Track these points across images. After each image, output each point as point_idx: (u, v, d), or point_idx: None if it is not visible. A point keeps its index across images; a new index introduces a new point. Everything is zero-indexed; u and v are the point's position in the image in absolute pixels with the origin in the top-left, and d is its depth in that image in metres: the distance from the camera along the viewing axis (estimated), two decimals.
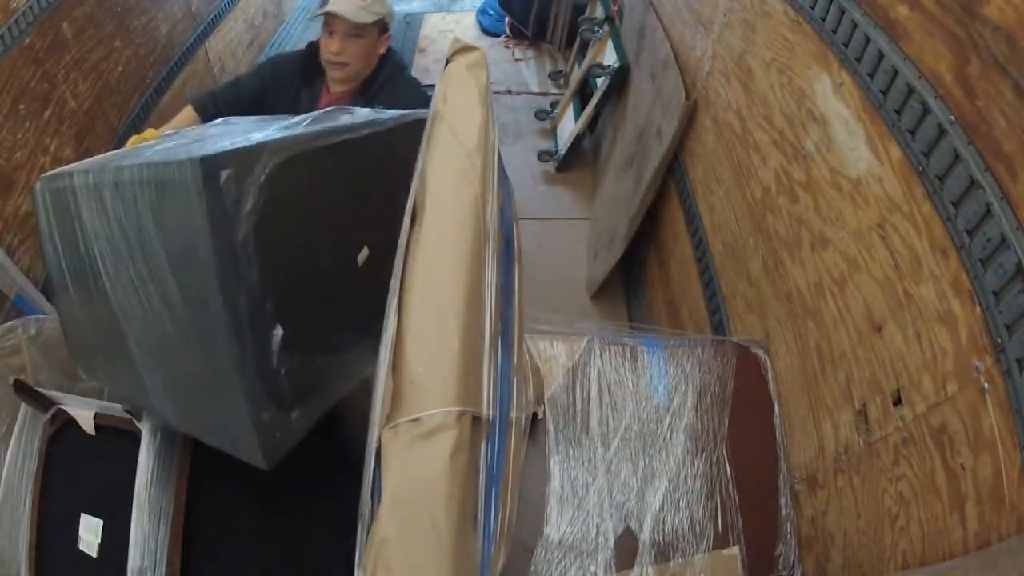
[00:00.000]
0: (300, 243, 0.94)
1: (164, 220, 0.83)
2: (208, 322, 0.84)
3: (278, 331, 0.87)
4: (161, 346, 0.93)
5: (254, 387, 0.86)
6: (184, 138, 1.09)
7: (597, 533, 1.26)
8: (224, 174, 0.79)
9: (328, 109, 1.11)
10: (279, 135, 0.91)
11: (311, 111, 1.09)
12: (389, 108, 1.16)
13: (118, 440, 1.14)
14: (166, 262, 0.85)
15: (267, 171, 0.84)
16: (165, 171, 0.81)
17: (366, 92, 1.84)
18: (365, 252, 1.04)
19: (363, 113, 1.12)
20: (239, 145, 0.85)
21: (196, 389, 0.94)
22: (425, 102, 1.00)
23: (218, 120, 1.26)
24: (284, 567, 1.14)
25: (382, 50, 1.84)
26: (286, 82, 1.87)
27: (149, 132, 1.58)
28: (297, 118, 1.04)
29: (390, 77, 1.86)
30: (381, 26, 1.80)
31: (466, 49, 1.05)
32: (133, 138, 1.54)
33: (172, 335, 0.90)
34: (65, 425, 1.25)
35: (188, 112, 1.82)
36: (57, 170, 0.99)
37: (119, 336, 0.98)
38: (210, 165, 0.78)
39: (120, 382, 1.10)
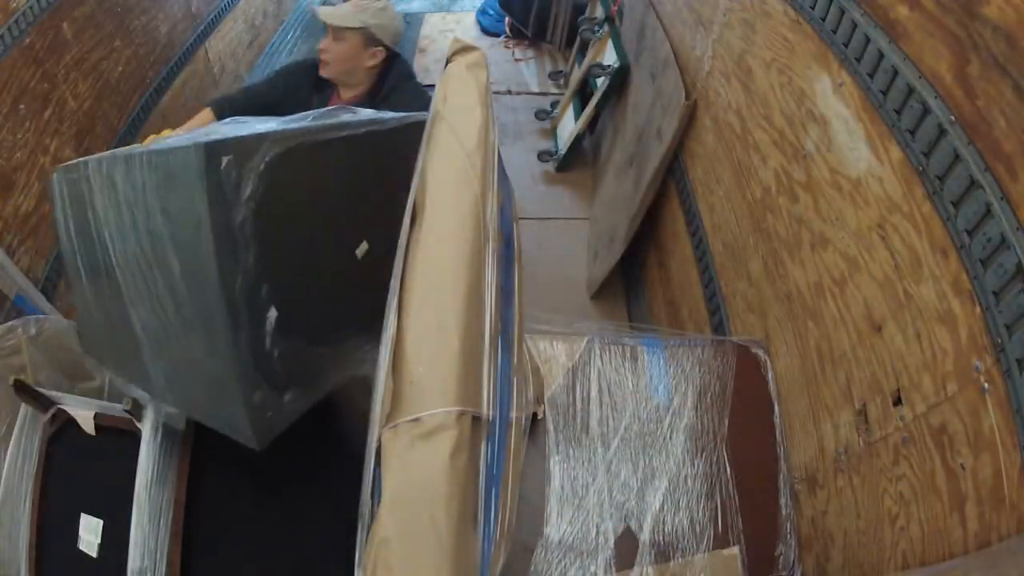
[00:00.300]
0: (298, 231, 0.98)
1: (169, 203, 0.88)
2: (206, 302, 0.88)
3: (273, 313, 0.92)
4: (164, 329, 0.96)
5: (247, 366, 0.90)
6: (204, 133, 1.13)
7: (597, 533, 1.26)
8: (225, 160, 0.84)
9: (331, 108, 1.13)
10: (282, 127, 0.96)
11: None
12: None
13: (118, 440, 1.15)
14: (170, 244, 0.89)
15: (267, 159, 0.89)
16: (171, 157, 0.86)
17: (372, 99, 1.88)
18: (364, 247, 1.07)
19: (366, 113, 1.15)
20: (242, 134, 0.90)
21: (195, 371, 0.97)
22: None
23: (229, 119, 1.29)
24: (285, 566, 1.14)
25: (371, 62, 1.86)
26: (299, 88, 1.92)
27: (166, 132, 1.68)
28: (301, 114, 1.07)
29: (395, 86, 1.89)
30: (368, 37, 1.82)
31: (466, 49, 1.05)
32: (151, 137, 1.64)
33: (174, 318, 0.94)
34: (65, 425, 1.25)
35: (206, 114, 1.87)
36: (73, 161, 1.04)
37: (126, 322, 1.02)
38: (212, 151, 0.83)
39: (127, 370, 1.14)
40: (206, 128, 1.23)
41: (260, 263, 0.89)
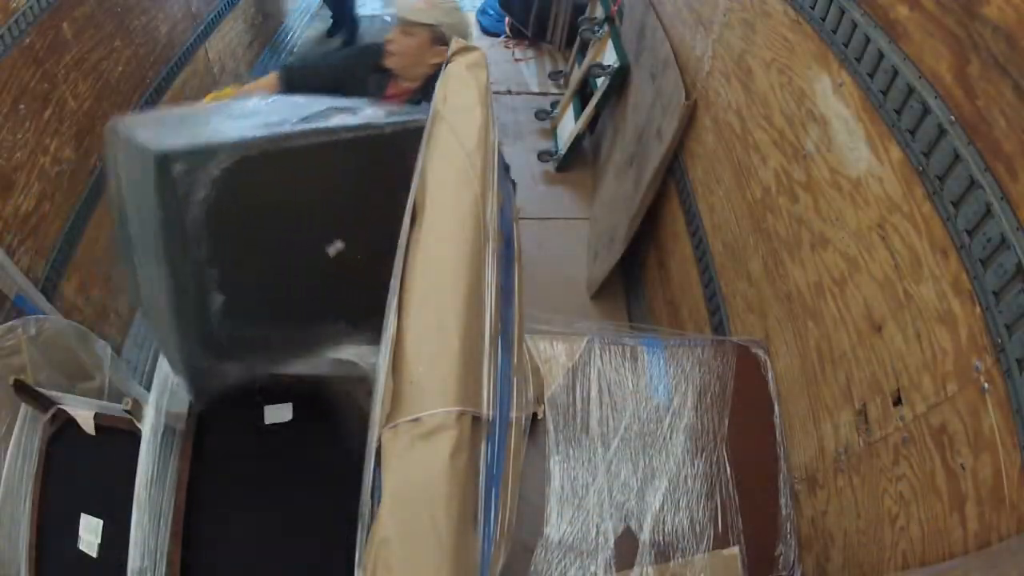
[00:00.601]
0: (257, 229, 1.07)
1: (146, 192, 0.98)
2: (162, 281, 1.01)
3: (219, 298, 1.03)
4: (149, 286, 1.11)
5: (188, 340, 1.04)
6: (215, 115, 1.20)
7: (597, 533, 1.26)
8: (176, 168, 0.95)
9: (328, 108, 1.17)
10: (253, 133, 1.04)
11: (378, 97, 1.35)
12: None
13: (118, 440, 1.15)
14: (149, 223, 1.01)
15: (223, 166, 0.99)
16: (145, 156, 0.96)
17: (426, 90, 1.92)
18: (339, 245, 1.13)
19: (364, 115, 1.18)
20: (206, 140, 1.00)
21: (165, 328, 1.09)
22: None
23: (270, 99, 1.37)
24: (285, 566, 1.14)
25: (435, 59, 1.88)
26: (362, 70, 1.96)
27: (227, 90, 1.81)
28: (297, 114, 1.13)
29: None
30: (437, 35, 1.87)
31: (466, 49, 1.06)
32: (212, 94, 1.76)
33: (152, 280, 1.07)
34: (65, 425, 1.25)
35: (271, 78, 1.95)
36: (119, 118, 1.15)
37: (134, 269, 1.17)
38: (164, 159, 0.95)
39: (141, 307, 1.27)
40: (236, 108, 1.30)
41: (211, 255, 1.00)
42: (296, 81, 1.91)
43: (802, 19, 1.40)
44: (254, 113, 1.16)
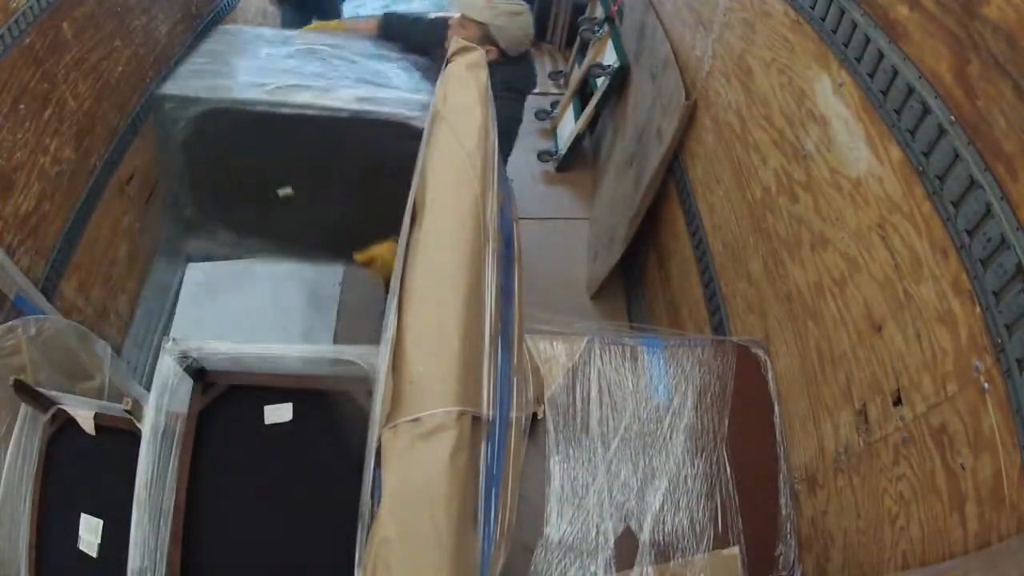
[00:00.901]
0: (223, 157, 1.77)
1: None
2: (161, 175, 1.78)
3: (189, 194, 1.76)
4: None
5: (170, 215, 1.88)
6: (255, 57, 1.97)
7: (597, 533, 1.26)
8: (168, 105, 1.67)
9: (296, 84, 1.70)
10: (235, 90, 1.74)
11: (435, 72, 1.65)
12: None
13: (118, 440, 1.15)
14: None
15: (199, 112, 1.63)
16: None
17: None
18: (288, 190, 1.77)
19: (338, 96, 1.71)
20: (193, 91, 1.71)
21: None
22: (503, 120, 1.37)
23: (335, 48, 2.03)
24: (285, 566, 1.14)
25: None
26: (437, 39, 2.08)
27: (334, 24, 2.43)
28: (285, 80, 1.73)
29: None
30: (485, 33, 1.96)
31: (466, 49, 1.06)
32: (320, 23, 2.39)
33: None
34: (65, 425, 1.25)
35: (373, 21, 2.31)
36: (227, 26, 1.69)
37: None
38: (162, 99, 1.70)
39: None
40: (305, 42, 2.09)
41: (188, 170, 1.74)
42: (393, 30, 2.25)
43: (802, 19, 1.40)
44: (264, 69, 1.80)
